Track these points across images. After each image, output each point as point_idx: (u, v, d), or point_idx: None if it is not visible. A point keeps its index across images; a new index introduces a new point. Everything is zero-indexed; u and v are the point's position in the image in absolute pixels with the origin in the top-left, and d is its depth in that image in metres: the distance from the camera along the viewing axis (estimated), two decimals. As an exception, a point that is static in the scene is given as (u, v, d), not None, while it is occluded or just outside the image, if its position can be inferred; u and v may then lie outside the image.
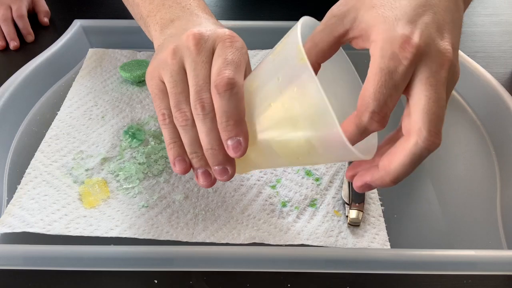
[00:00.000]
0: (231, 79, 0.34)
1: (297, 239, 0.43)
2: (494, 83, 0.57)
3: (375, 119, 0.30)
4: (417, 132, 0.29)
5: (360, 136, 0.31)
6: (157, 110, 0.38)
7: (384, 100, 0.29)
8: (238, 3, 0.81)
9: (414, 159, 0.30)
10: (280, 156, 0.36)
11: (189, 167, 0.38)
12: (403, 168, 0.30)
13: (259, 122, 0.35)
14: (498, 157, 0.53)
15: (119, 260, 0.39)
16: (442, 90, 0.29)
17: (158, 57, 0.38)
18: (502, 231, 0.45)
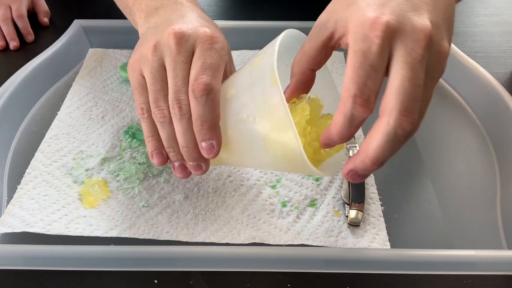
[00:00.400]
0: (208, 85, 0.35)
1: (297, 239, 0.43)
2: (494, 83, 0.57)
3: (358, 102, 0.29)
4: (389, 112, 0.29)
5: (349, 126, 0.31)
6: (136, 104, 0.40)
7: (363, 82, 0.29)
8: (238, 3, 0.81)
9: (389, 139, 0.29)
10: (251, 163, 0.39)
11: (166, 159, 0.41)
12: (380, 149, 0.30)
13: (232, 130, 0.37)
14: (498, 157, 0.53)
15: (119, 260, 0.39)
16: (418, 68, 0.29)
17: (140, 50, 0.39)
18: (502, 231, 0.45)
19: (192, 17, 0.41)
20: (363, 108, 0.29)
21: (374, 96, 0.29)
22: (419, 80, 0.29)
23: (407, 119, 0.29)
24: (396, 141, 0.29)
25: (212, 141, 0.37)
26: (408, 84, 0.28)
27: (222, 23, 0.68)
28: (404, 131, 0.29)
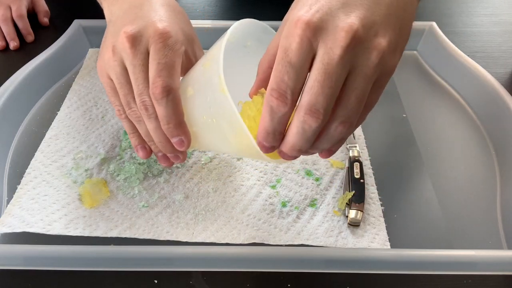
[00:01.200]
0: (165, 87, 0.37)
1: (297, 239, 0.43)
2: (494, 83, 0.57)
3: (274, 95, 0.30)
4: (298, 109, 0.30)
5: (271, 120, 0.31)
6: (112, 105, 0.42)
7: (281, 77, 0.29)
8: (237, 3, 0.81)
9: (299, 132, 0.31)
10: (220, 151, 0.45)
11: (150, 152, 0.44)
12: (294, 140, 0.31)
13: (197, 127, 0.39)
14: (498, 157, 0.53)
15: (119, 260, 0.39)
16: (333, 69, 0.29)
17: (102, 54, 0.41)
18: (502, 231, 0.45)
19: (148, 8, 0.41)
20: (278, 101, 0.30)
21: (291, 92, 0.30)
22: (331, 82, 0.29)
23: (311, 118, 0.29)
24: (306, 134, 0.31)
25: (180, 137, 0.39)
26: (317, 85, 0.29)
27: (222, 23, 0.68)
28: (310, 127, 0.30)
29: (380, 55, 0.29)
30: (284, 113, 0.31)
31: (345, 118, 0.30)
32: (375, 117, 0.57)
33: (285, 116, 0.31)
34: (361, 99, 0.30)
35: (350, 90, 0.30)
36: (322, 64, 0.29)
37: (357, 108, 0.30)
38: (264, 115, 0.31)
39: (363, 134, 0.55)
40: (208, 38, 0.67)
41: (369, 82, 0.30)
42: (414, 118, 0.58)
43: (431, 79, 0.65)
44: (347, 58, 0.29)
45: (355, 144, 0.52)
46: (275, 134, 0.32)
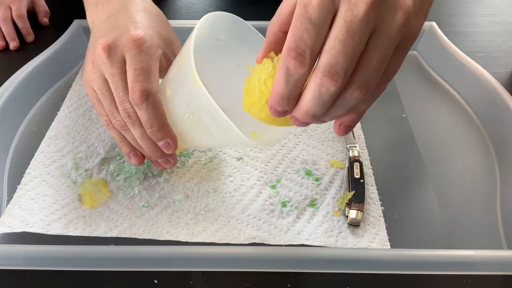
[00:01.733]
0: (143, 91, 0.38)
1: (297, 239, 0.43)
2: (494, 83, 0.57)
3: (292, 55, 0.28)
4: (316, 70, 0.28)
5: (286, 83, 0.29)
6: (99, 116, 0.43)
7: (300, 35, 0.27)
8: (237, 3, 0.81)
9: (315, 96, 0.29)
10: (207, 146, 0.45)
11: (143, 158, 0.45)
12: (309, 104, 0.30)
13: (181, 126, 0.39)
14: (498, 157, 0.53)
15: (119, 260, 0.39)
16: (357, 27, 0.27)
17: (85, 68, 0.43)
18: (502, 231, 0.45)
19: (123, 16, 0.42)
20: (296, 61, 0.28)
21: (310, 52, 0.28)
22: (354, 41, 0.27)
23: (329, 81, 0.28)
24: (323, 99, 0.29)
25: (165, 139, 0.40)
26: (338, 45, 0.27)
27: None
28: (328, 90, 0.28)
29: (405, 15, 0.28)
30: (301, 75, 0.28)
31: (363, 83, 0.28)
32: (375, 117, 0.57)
33: (302, 78, 0.29)
34: (382, 62, 0.28)
35: (371, 52, 0.28)
36: (345, 22, 0.27)
37: (377, 72, 0.28)
38: (279, 78, 0.29)
39: (363, 134, 0.55)
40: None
41: (392, 44, 0.28)
42: (414, 118, 0.58)
43: (431, 79, 0.65)
44: (371, 16, 0.27)
45: (355, 144, 0.52)
46: (290, 98, 0.30)
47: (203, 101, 0.34)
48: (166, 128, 0.39)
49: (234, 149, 0.52)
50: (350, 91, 0.29)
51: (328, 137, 0.54)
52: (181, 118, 0.38)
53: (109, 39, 0.40)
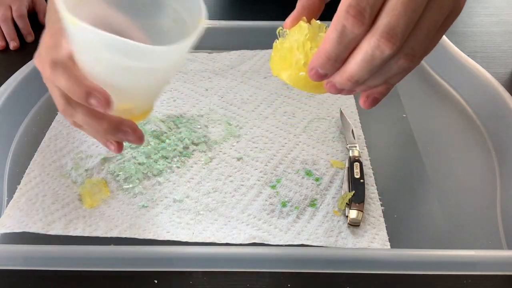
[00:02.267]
0: (50, 63, 0.35)
1: (297, 239, 0.43)
2: (494, 83, 0.57)
3: (351, 12, 0.26)
4: (373, 31, 0.27)
5: (339, 43, 0.28)
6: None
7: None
8: (237, 2, 0.81)
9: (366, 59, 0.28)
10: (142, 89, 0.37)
11: (119, 145, 0.40)
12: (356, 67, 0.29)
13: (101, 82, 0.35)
14: (498, 157, 0.52)
15: (119, 260, 0.39)
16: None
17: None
18: (502, 231, 0.45)
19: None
20: (355, 19, 0.27)
21: (370, 11, 0.27)
22: (415, 4, 0.26)
23: (386, 43, 0.27)
24: (373, 62, 0.28)
25: (92, 95, 0.34)
26: (401, 7, 0.26)
27: (222, 23, 0.68)
28: (382, 53, 0.27)
29: None
30: (357, 35, 0.27)
31: (411, 50, 0.28)
32: (375, 117, 0.57)
33: (356, 39, 0.28)
34: (431, 32, 0.28)
35: (424, 20, 0.27)
36: None
37: (425, 41, 0.28)
38: (331, 37, 0.28)
39: (363, 134, 0.55)
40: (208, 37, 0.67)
41: (444, 15, 0.28)
42: (414, 118, 0.58)
43: (431, 79, 0.65)
44: None
45: (355, 144, 0.52)
46: (337, 60, 0.29)
47: (87, 36, 0.30)
48: (86, 83, 0.35)
49: (234, 149, 0.52)
50: (396, 58, 0.28)
51: (328, 137, 0.54)
52: (96, 73, 0.34)
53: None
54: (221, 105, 0.58)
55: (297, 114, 0.57)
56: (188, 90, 0.60)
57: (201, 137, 0.54)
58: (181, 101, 0.59)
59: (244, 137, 0.54)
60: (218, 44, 0.67)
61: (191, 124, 0.55)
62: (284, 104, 0.59)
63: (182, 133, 0.54)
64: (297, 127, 0.56)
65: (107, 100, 0.35)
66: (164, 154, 0.51)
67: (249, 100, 0.59)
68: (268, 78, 0.63)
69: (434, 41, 0.29)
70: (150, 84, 0.36)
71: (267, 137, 0.54)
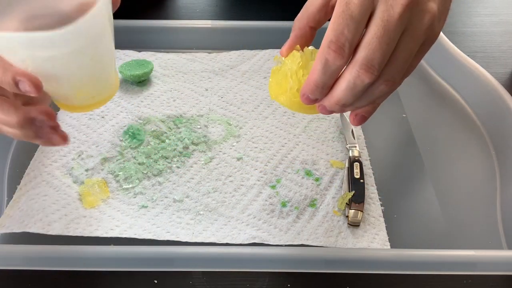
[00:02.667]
0: None
1: (297, 239, 0.43)
2: (494, 83, 0.57)
3: (332, 47, 0.30)
4: (353, 63, 0.31)
5: (324, 73, 0.31)
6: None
7: (341, 30, 0.30)
8: (237, 3, 0.81)
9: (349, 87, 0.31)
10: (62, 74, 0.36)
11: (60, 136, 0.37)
12: (342, 94, 0.32)
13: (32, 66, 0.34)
14: (498, 157, 0.53)
15: (119, 260, 0.39)
16: (392, 27, 0.30)
17: None
18: (502, 231, 0.45)
19: None
20: (336, 54, 0.30)
21: (349, 46, 0.30)
22: (389, 39, 0.30)
23: (365, 73, 0.30)
24: (356, 90, 0.31)
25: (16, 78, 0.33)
26: (376, 41, 0.30)
27: (222, 23, 0.68)
28: (362, 82, 0.31)
29: (431, 19, 0.31)
30: (339, 66, 0.31)
31: (390, 77, 0.31)
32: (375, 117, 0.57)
33: (338, 69, 0.31)
34: (407, 60, 0.31)
35: (399, 50, 0.31)
36: (382, 21, 0.30)
37: (403, 68, 0.32)
38: (317, 68, 0.31)
39: (363, 134, 0.55)
40: (208, 37, 0.67)
41: (418, 44, 0.31)
42: (414, 118, 0.58)
43: (431, 79, 0.65)
44: (405, 17, 0.30)
45: (355, 144, 0.52)
46: (324, 87, 0.32)
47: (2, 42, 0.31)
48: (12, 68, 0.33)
49: (234, 149, 0.52)
50: (377, 84, 0.32)
51: (328, 137, 0.54)
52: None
53: None
54: (221, 105, 0.58)
55: (297, 114, 0.57)
56: (188, 90, 0.60)
57: (201, 137, 0.54)
58: (181, 101, 0.59)
59: (244, 137, 0.54)
60: (218, 44, 0.67)
61: (191, 124, 0.55)
62: (284, 104, 0.59)
63: (182, 133, 0.54)
64: (297, 127, 0.56)
65: (35, 82, 0.33)
66: (164, 154, 0.51)
67: (249, 100, 0.59)
68: (268, 78, 0.63)
69: (412, 66, 0.33)
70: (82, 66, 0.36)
71: (267, 137, 0.54)
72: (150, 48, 0.66)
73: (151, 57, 0.65)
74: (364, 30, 0.30)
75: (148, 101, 0.59)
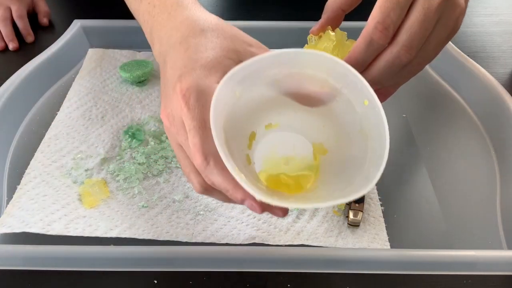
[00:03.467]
0: (202, 155, 0.31)
1: (297, 239, 0.43)
2: (494, 83, 0.57)
3: (379, 28, 0.33)
4: (395, 43, 0.34)
5: (366, 50, 0.34)
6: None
7: (388, 13, 0.33)
8: (238, 3, 0.81)
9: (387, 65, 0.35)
10: None
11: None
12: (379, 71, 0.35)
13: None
14: (498, 157, 0.52)
15: (119, 260, 0.39)
16: (431, 14, 0.33)
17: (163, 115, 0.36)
18: (502, 231, 0.45)
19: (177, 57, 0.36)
20: (381, 34, 0.33)
21: (393, 27, 0.33)
22: (428, 24, 0.33)
23: (405, 54, 0.34)
24: (393, 68, 0.35)
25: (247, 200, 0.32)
26: (417, 25, 0.33)
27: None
28: (401, 61, 0.34)
29: (460, 12, 0.35)
30: (381, 46, 0.34)
31: (421, 60, 0.35)
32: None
33: (380, 48, 0.34)
34: (438, 45, 0.35)
35: (433, 36, 0.34)
36: (423, 8, 0.33)
37: (432, 53, 0.35)
38: (360, 46, 0.34)
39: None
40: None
41: (447, 33, 0.35)
42: (414, 118, 0.58)
43: (431, 79, 0.65)
44: (441, 7, 0.33)
45: (355, 144, 0.52)
46: (363, 64, 0.35)
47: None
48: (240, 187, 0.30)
49: (234, 149, 0.52)
50: (410, 65, 0.35)
51: (328, 137, 0.54)
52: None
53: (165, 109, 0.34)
54: (221, 105, 0.58)
55: (297, 114, 0.57)
56: (188, 90, 0.60)
57: (201, 137, 0.54)
58: (181, 101, 0.58)
59: (244, 137, 0.54)
60: (218, 44, 0.67)
61: (191, 124, 0.55)
62: (284, 104, 0.59)
63: (182, 133, 0.54)
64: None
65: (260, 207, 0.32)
66: (164, 154, 0.51)
67: (249, 100, 0.59)
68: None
69: (437, 52, 0.36)
70: None
71: (267, 137, 0.54)
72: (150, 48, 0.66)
73: (151, 57, 0.65)
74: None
75: (148, 101, 0.59)
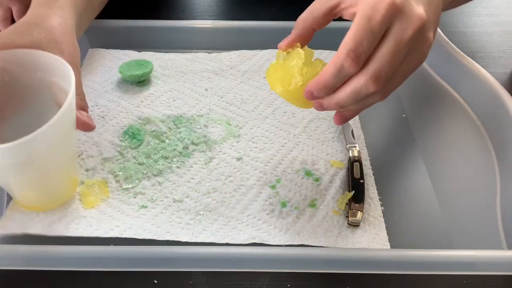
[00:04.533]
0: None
1: (297, 239, 0.43)
2: (494, 83, 0.57)
3: (351, 56, 0.33)
4: (364, 72, 0.34)
5: (336, 76, 0.34)
6: None
7: (360, 41, 0.33)
8: (238, 3, 0.81)
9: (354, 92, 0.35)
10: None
11: None
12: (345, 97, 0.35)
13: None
14: (498, 157, 0.52)
15: (119, 260, 0.39)
16: (402, 47, 0.33)
17: None
18: (502, 231, 0.45)
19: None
20: (353, 62, 0.33)
21: (364, 56, 0.33)
22: (398, 57, 0.34)
23: (373, 84, 0.34)
24: (359, 96, 0.35)
25: None
26: (387, 57, 0.33)
27: (222, 23, 0.68)
28: (367, 91, 0.34)
29: (429, 46, 0.36)
30: (351, 73, 0.34)
31: (387, 90, 0.36)
32: (375, 117, 0.57)
33: (349, 75, 0.34)
34: (404, 78, 0.36)
35: (401, 69, 0.35)
36: (395, 40, 0.33)
37: (398, 84, 0.37)
38: (330, 71, 0.34)
39: (363, 134, 0.55)
40: (208, 38, 0.67)
41: (415, 66, 0.36)
42: (414, 118, 0.58)
43: (431, 79, 0.65)
44: (413, 41, 0.34)
45: (355, 144, 0.52)
46: (332, 88, 0.36)
47: None
48: None
49: (234, 149, 0.52)
50: (375, 94, 0.35)
51: (328, 137, 0.54)
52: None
53: None
54: (221, 105, 0.58)
55: (297, 114, 0.57)
56: (188, 90, 0.60)
57: (201, 137, 0.54)
58: (181, 101, 0.59)
59: (244, 137, 0.54)
60: (218, 44, 0.67)
61: (191, 124, 0.55)
62: (284, 104, 0.59)
63: (182, 133, 0.54)
64: (296, 127, 0.56)
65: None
66: (164, 154, 0.51)
67: (249, 100, 0.59)
68: (268, 78, 0.63)
69: (401, 83, 0.37)
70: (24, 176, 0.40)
71: (267, 137, 0.54)
72: (150, 48, 0.66)
73: (151, 57, 0.65)
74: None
75: (148, 101, 0.59)
